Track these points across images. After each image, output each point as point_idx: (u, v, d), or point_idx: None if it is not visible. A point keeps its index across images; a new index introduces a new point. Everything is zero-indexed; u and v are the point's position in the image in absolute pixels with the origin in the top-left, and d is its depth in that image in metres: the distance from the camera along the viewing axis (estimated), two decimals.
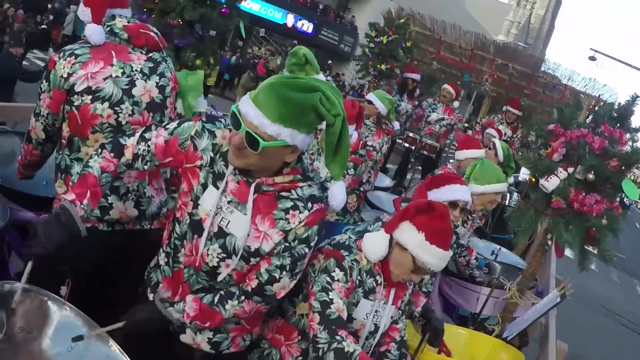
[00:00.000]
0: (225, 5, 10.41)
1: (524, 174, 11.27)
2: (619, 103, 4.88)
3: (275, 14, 40.11)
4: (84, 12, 3.40)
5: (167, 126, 2.85)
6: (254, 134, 2.40)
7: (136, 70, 3.43)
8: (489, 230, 8.88)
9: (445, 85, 11.53)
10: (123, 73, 3.36)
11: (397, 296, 3.29)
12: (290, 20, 40.84)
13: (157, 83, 3.52)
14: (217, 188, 2.68)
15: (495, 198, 5.10)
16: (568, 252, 4.91)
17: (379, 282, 3.14)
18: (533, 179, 4.84)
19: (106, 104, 3.31)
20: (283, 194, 2.64)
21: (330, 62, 40.66)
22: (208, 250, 2.71)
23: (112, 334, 2.76)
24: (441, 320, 4.05)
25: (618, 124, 4.72)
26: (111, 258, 3.44)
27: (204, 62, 10.45)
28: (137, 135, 2.91)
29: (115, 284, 3.55)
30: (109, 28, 3.41)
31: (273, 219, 2.63)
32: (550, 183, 4.64)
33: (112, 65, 3.33)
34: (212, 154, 2.70)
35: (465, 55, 13.34)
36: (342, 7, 46.49)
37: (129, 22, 3.48)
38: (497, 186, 5.03)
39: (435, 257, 3.00)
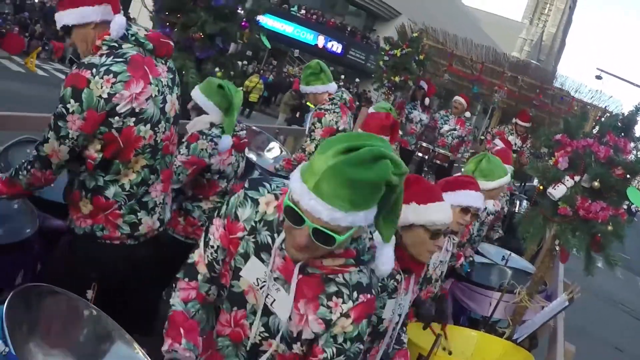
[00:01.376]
0: (245, 19, 10.50)
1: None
2: (623, 114, 4.90)
3: (307, 36, 41.86)
4: (82, 13, 3.06)
5: (219, 213, 2.52)
6: (327, 231, 2.01)
7: (165, 85, 3.26)
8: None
9: (457, 97, 11.57)
10: (158, 91, 3.19)
11: (415, 281, 3.28)
12: (320, 41, 42.27)
13: (178, 95, 3.44)
14: (262, 260, 2.34)
15: (504, 190, 5.28)
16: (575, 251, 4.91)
17: (399, 280, 3.11)
18: (541, 187, 4.85)
19: (148, 126, 3.15)
20: (330, 276, 2.27)
21: (357, 80, 41.45)
22: (251, 325, 2.38)
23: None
24: (430, 309, 4.14)
25: (623, 134, 4.73)
26: (136, 268, 3.41)
27: (225, 74, 10.53)
28: (201, 245, 2.59)
29: (137, 290, 3.58)
30: (134, 37, 3.14)
31: (318, 302, 2.27)
32: (557, 191, 4.65)
33: (150, 83, 3.13)
34: (254, 223, 2.36)
35: (476, 68, 13.34)
36: (368, 29, 46.97)
37: (146, 30, 3.26)
38: (506, 179, 5.17)
39: (438, 212, 3.01)
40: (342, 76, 39.29)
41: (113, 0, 3.14)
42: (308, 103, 6.24)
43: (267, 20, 38.68)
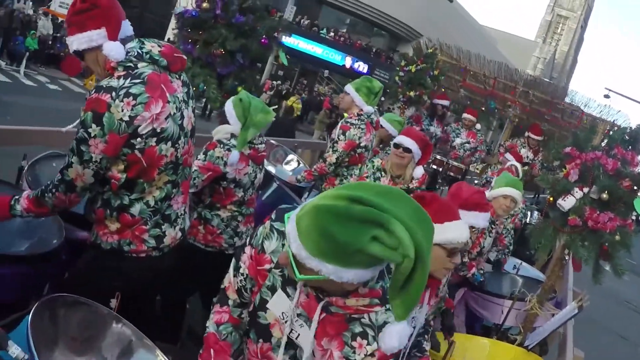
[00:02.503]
0: (264, 36, 10.58)
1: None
2: (631, 127, 4.92)
3: (335, 57, 42.82)
4: (90, 37, 3.01)
5: (250, 242, 2.45)
6: (292, 263, 1.96)
7: (181, 100, 3.21)
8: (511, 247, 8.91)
9: (465, 114, 11.62)
10: (176, 108, 3.14)
11: (430, 295, 3.30)
12: (348, 62, 43.03)
13: (193, 108, 3.40)
14: (287, 294, 2.25)
15: (506, 202, 5.40)
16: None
17: None
18: (551, 199, 4.86)
19: (169, 144, 3.11)
20: (355, 316, 2.13)
21: (383, 98, 41.68)
22: (277, 357, 2.30)
23: None
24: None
25: (630, 147, 4.74)
26: (159, 278, 3.44)
27: (246, 89, 10.57)
28: (231, 270, 2.58)
29: (160, 299, 3.60)
30: (148, 55, 3.07)
31: (342, 340, 2.14)
32: (567, 202, 4.67)
33: (168, 102, 3.08)
34: None
35: (489, 83, 13.37)
36: (392, 50, 47.32)
37: (159, 45, 3.16)
38: (506, 189, 5.36)
39: (454, 230, 3.02)
40: None
41: (112, 24, 3.06)
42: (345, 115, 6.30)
43: (298, 42, 40.51)
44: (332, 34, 44.52)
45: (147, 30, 27.37)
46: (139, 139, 2.97)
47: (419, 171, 5.52)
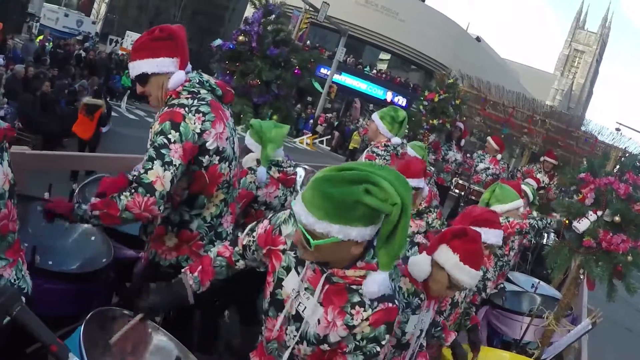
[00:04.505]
0: (297, 67, 10.70)
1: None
2: None
3: (377, 92, 46.40)
4: (163, 63, 3.10)
5: (269, 218, 2.68)
6: (305, 233, 2.18)
7: (232, 127, 3.31)
8: (529, 266, 8.91)
9: (488, 138, 11.66)
10: (230, 133, 3.24)
11: (435, 302, 3.36)
12: (389, 96, 46.05)
13: (238, 136, 3.46)
14: (298, 272, 2.46)
15: (518, 212, 5.46)
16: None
17: (423, 299, 3.19)
18: (567, 221, 4.88)
19: (227, 163, 3.18)
20: (354, 287, 2.33)
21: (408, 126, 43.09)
22: (286, 330, 2.49)
23: None
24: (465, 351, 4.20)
25: None
26: (204, 292, 3.48)
27: (280, 117, 10.69)
28: (247, 228, 2.83)
29: (201, 312, 3.63)
30: (208, 84, 3.19)
31: (343, 311, 2.33)
32: (581, 225, 4.67)
33: (226, 126, 3.18)
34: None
35: (507, 112, 13.41)
36: (426, 84, 48.48)
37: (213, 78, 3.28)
38: (518, 202, 5.41)
39: (468, 276, 3.08)
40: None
41: (183, 56, 3.17)
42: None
43: (345, 79, 43.81)
44: (374, 71, 49.29)
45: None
46: (206, 157, 3.05)
47: (425, 191, 5.35)
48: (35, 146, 11.46)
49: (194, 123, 2.98)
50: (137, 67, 3.16)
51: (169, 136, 2.92)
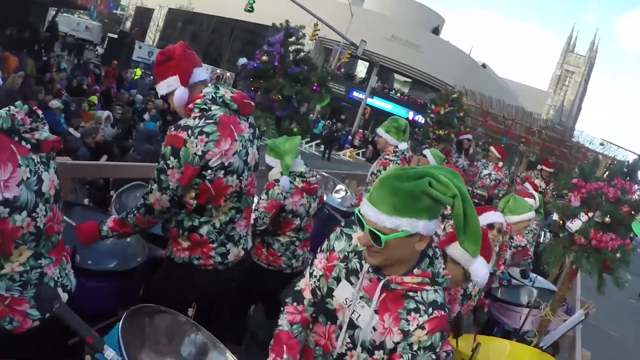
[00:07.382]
0: (315, 84, 10.70)
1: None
2: (629, 161, 4.93)
3: (401, 112, 48.34)
4: (169, 84, 3.10)
5: (322, 249, 2.56)
6: (375, 231, 2.10)
7: (247, 139, 3.21)
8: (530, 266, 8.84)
9: (491, 147, 11.63)
10: (242, 146, 3.15)
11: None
12: (410, 115, 47.94)
13: (257, 146, 3.38)
14: (351, 283, 2.36)
15: (528, 224, 5.45)
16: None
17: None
18: (561, 222, 4.86)
19: (235, 176, 3.12)
20: (410, 293, 2.25)
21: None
22: (338, 337, 2.39)
23: None
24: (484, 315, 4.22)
25: (628, 178, 4.73)
26: (226, 288, 3.42)
27: (300, 129, 10.66)
28: (306, 275, 2.63)
29: (228, 307, 3.63)
30: (221, 99, 3.10)
31: (399, 317, 2.24)
32: (574, 225, 4.66)
33: (236, 140, 3.10)
34: (346, 253, 2.40)
35: (507, 123, 13.38)
36: (433, 100, 49.69)
37: (232, 92, 3.19)
38: (529, 214, 5.36)
39: (482, 271, 3.03)
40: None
41: (183, 71, 3.11)
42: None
43: (374, 101, 46.76)
44: (398, 94, 54.16)
45: None
46: (209, 171, 3.00)
47: None
48: None
49: (196, 146, 2.93)
50: (158, 91, 3.22)
51: (168, 162, 2.94)
